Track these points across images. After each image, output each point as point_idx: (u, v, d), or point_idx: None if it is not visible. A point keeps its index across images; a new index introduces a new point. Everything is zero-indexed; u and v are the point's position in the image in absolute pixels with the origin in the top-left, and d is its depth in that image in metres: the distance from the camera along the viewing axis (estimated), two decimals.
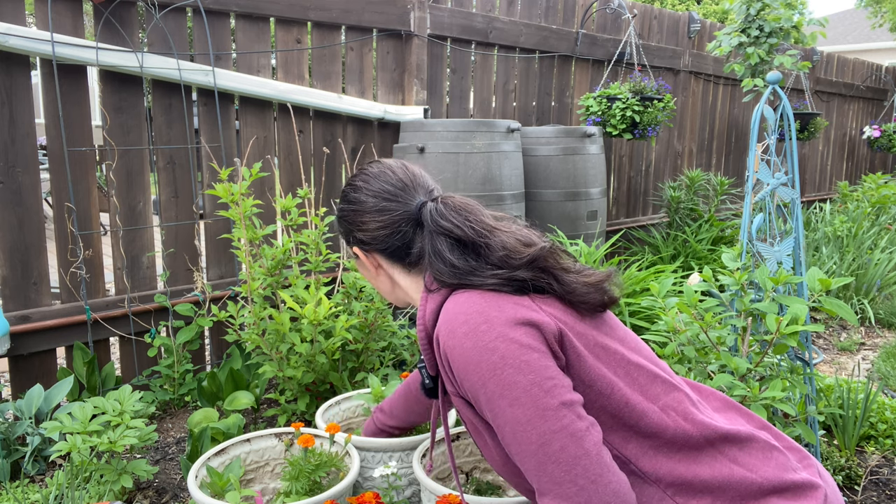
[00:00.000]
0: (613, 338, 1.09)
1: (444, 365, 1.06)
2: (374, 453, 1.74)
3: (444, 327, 1.03)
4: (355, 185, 1.23)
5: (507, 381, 0.95)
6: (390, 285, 1.26)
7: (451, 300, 1.07)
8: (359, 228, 1.21)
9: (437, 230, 1.13)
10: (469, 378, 0.99)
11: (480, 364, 0.97)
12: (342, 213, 1.25)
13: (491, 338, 0.98)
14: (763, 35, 4.45)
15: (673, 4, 19.03)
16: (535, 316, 1.01)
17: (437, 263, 1.11)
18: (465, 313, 1.02)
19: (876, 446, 2.32)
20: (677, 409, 1.04)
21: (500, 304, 1.02)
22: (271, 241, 2.61)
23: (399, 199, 1.19)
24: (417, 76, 3.42)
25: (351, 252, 1.29)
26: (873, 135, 7.10)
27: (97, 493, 1.80)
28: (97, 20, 2.45)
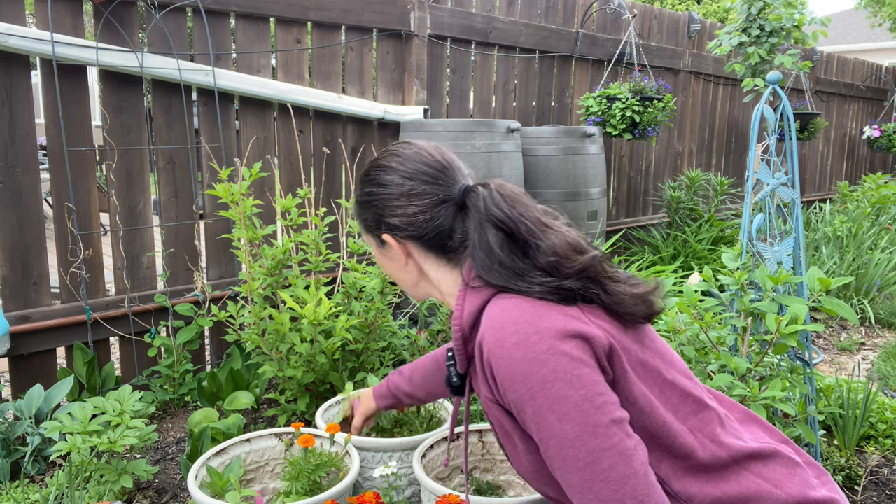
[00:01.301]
0: (653, 351, 1.05)
1: (484, 371, 1.00)
2: (374, 453, 1.74)
3: (490, 335, 0.97)
4: (387, 167, 1.13)
5: (558, 396, 0.91)
6: (416, 277, 1.18)
7: (497, 305, 1.00)
8: (392, 213, 1.11)
9: (489, 219, 1.05)
10: (516, 389, 0.94)
11: (530, 376, 0.93)
12: (370, 196, 1.15)
13: (541, 350, 0.93)
14: (764, 35, 4.45)
15: (673, 4, 19.03)
16: (586, 329, 0.96)
17: (482, 257, 1.03)
18: (514, 322, 0.96)
19: (876, 446, 2.32)
20: (704, 431, 1.01)
21: (550, 314, 0.97)
22: (271, 241, 2.61)
23: (440, 181, 1.11)
24: (417, 76, 3.42)
25: (371, 239, 1.19)
26: (873, 135, 7.10)
27: (97, 493, 1.80)
28: (97, 20, 2.45)
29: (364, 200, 1.17)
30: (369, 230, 1.18)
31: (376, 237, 1.16)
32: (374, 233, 1.17)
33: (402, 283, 1.21)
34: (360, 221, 1.20)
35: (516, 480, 1.77)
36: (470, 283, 1.06)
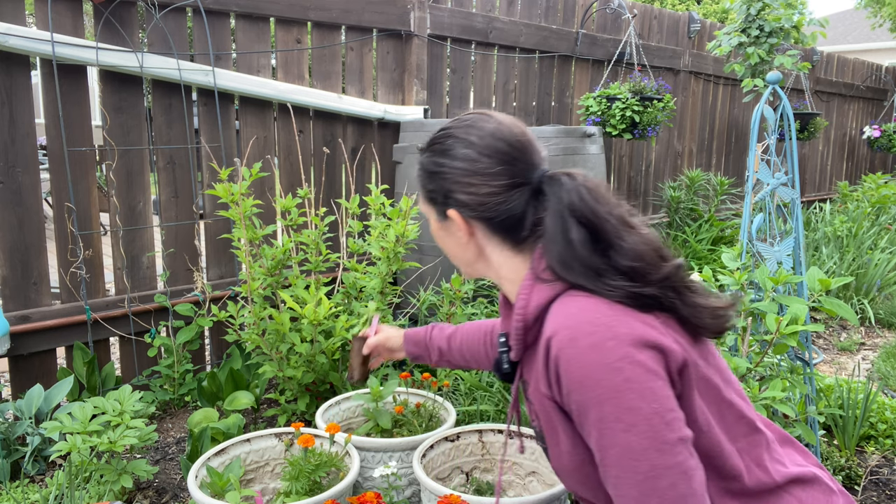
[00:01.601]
0: (714, 368, 1.00)
1: (548, 367, 0.95)
2: (374, 453, 1.74)
3: (563, 333, 0.92)
4: (464, 139, 1.05)
5: (629, 407, 0.87)
6: (474, 257, 1.12)
7: (572, 302, 0.95)
8: (463, 190, 1.04)
9: (572, 213, 0.99)
10: (583, 393, 0.90)
11: (601, 382, 0.88)
12: (439, 168, 1.07)
13: (617, 356, 0.89)
14: (763, 35, 4.45)
15: (673, 4, 19.03)
16: (663, 340, 0.92)
17: (560, 252, 0.98)
18: (591, 323, 0.91)
19: (876, 446, 2.32)
20: (752, 454, 0.99)
21: (628, 320, 0.92)
22: (271, 241, 2.61)
23: (518, 162, 1.04)
24: (417, 76, 3.42)
25: (431, 211, 1.12)
26: (873, 135, 7.11)
27: (97, 493, 1.80)
28: (97, 20, 2.45)
29: (432, 170, 1.08)
30: (432, 202, 1.11)
31: (439, 211, 1.10)
32: (437, 205, 1.10)
33: (455, 260, 1.16)
34: (423, 191, 1.12)
35: (516, 480, 1.77)
36: (540, 275, 1.00)
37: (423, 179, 1.11)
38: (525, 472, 1.76)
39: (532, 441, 1.74)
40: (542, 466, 1.72)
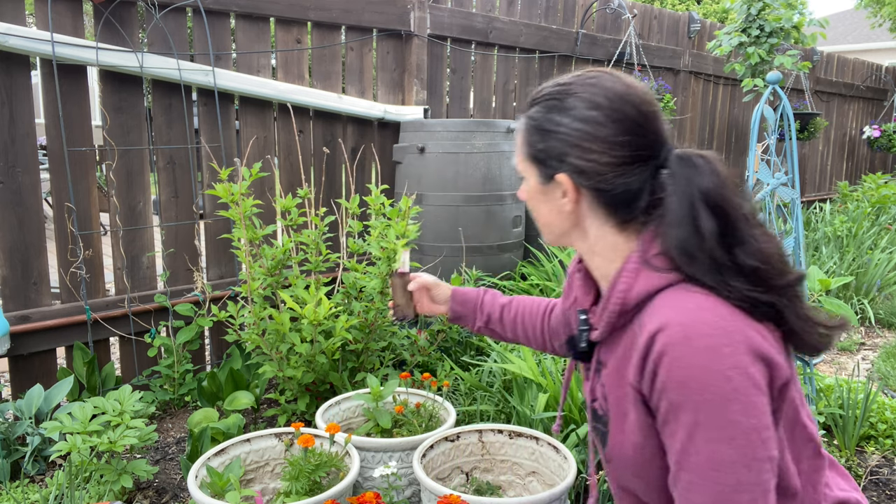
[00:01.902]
0: (796, 387, 0.96)
1: (645, 358, 0.89)
2: (374, 453, 1.74)
3: (676, 329, 0.86)
4: (590, 100, 0.96)
5: (729, 418, 0.83)
6: (569, 227, 1.03)
7: (688, 297, 0.89)
8: (582, 156, 0.96)
9: (705, 199, 0.91)
10: (683, 393, 0.85)
11: (708, 388, 0.83)
12: (557, 126, 0.97)
13: (729, 365, 0.84)
14: (763, 35, 4.45)
15: (673, 4, 19.03)
16: (774, 355, 0.87)
17: (684, 238, 0.90)
18: (709, 325, 0.86)
19: (876, 446, 2.32)
20: (811, 478, 0.98)
21: (745, 327, 0.87)
22: (271, 241, 2.61)
23: (647, 134, 0.96)
24: (417, 76, 3.42)
25: (533, 171, 1.03)
26: (873, 135, 7.11)
27: (97, 493, 1.80)
28: (97, 20, 2.45)
29: (546, 128, 0.99)
30: (539, 161, 1.01)
31: (544, 173, 1.01)
32: (543, 167, 1.01)
33: (546, 227, 1.07)
34: (528, 148, 1.02)
35: (516, 480, 1.77)
36: (650, 260, 0.94)
37: (530, 135, 1.02)
38: (525, 472, 1.76)
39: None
40: (542, 466, 1.72)
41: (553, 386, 2.06)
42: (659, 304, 0.91)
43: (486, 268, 3.16)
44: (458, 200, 3.10)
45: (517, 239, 3.32)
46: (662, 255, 0.93)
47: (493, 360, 2.48)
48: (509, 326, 1.46)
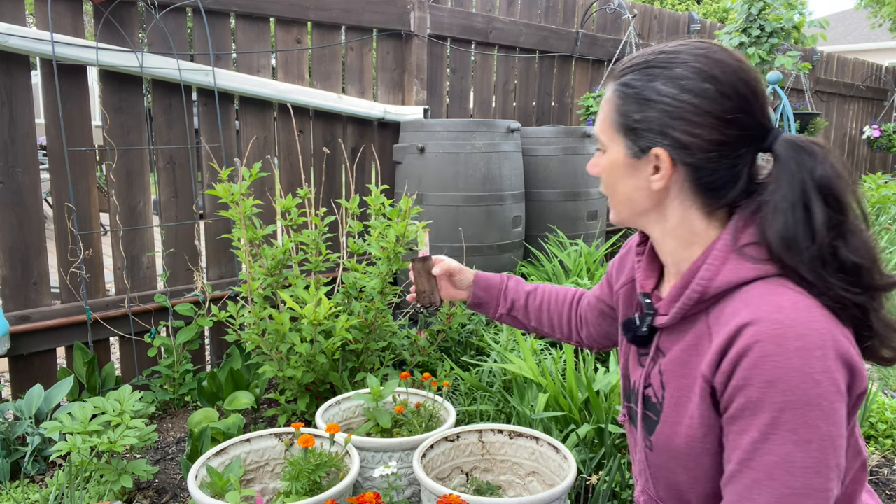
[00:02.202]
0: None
1: (725, 353, 0.86)
2: (374, 453, 1.74)
3: (768, 326, 0.83)
4: (705, 72, 0.90)
5: (810, 422, 0.81)
6: (648, 206, 0.98)
7: (783, 294, 0.85)
8: (689, 130, 0.89)
9: (821, 187, 0.87)
10: (766, 392, 0.82)
11: (794, 390, 0.81)
12: (661, 96, 0.91)
13: (819, 369, 0.81)
14: (764, 35, 4.45)
15: (673, 4, 19.03)
16: (858, 363, 0.84)
17: (789, 227, 0.86)
18: (803, 324, 0.82)
19: (876, 446, 2.32)
20: (852, 489, 0.97)
21: (837, 332, 0.84)
22: (271, 241, 2.61)
23: (757, 114, 0.91)
24: (417, 76, 3.42)
25: (621, 141, 0.96)
26: (873, 135, 7.11)
27: (97, 493, 1.80)
28: (97, 20, 2.45)
29: (648, 97, 0.92)
30: (631, 132, 0.94)
31: (639, 145, 0.94)
32: (637, 138, 0.94)
33: (621, 203, 1.01)
34: (622, 117, 0.95)
35: (516, 480, 1.77)
36: (742, 248, 0.89)
37: (624, 104, 0.94)
38: (525, 472, 1.76)
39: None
40: (542, 466, 1.72)
41: (553, 386, 2.06)
42: (749, 297, 0.87)
43: (486, 268, 3.16)
44: (458, 200, 3.10)
45: (517, 239, 3.32)
46: (757, 244, 0.89)
47: (493, 360, 2.48)
48: (533, 314, 1.40)
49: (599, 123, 1.00)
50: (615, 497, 1.79)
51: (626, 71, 0.95)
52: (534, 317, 1.40)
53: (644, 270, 1.08)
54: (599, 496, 1.73)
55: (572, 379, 2.02)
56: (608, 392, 2.06)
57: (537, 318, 1.40)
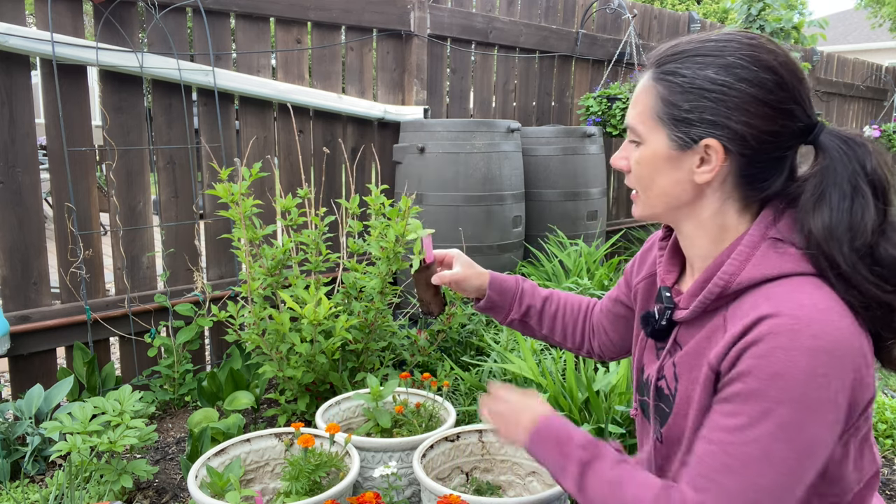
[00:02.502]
0: (872, 405, 0.93)
1: (736, 342, 0.85)
2: (374, 453, 1.74)
3: (786, 320, 0.81)
4: (763, 61, 0.88)
5: (799, 423, 0.81)
6: (689, 199, 0.95)
7: (814, 291, 0.84)
8: (745, 120, 0.87)
9: (872, 181, 0.86)
10: (768, 384, 0.81)
11: (795, 388, 0.80)
12: (715, 85, 0.88)
13: (825, 372, 0.80)
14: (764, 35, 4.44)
15: (673, 4, 19.03)
16: (867, 377, 0.84)
17: (835, 218, 0.85)
18: (821, 326, 0.81)
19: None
20: (860, 495, 0.95)
21: (853, 339, 0.82)
22: (271, 241, 2.61)
23: (805, 104, 0.90)
24: (417, 76, 3.42)
25: (663, 131, 0.93)
26: (873, 135, 7.10)
27: (97, 493, 1.80)
28: (97, 20, 2.45)
29: (700, 87, 0.89)
30: (680, 123, 0.91)
31: (687, 136, 0.91)
32: (686, 128, 0.91)
33: (657, 197, 0.97)
34: (668, 108, 0.92)
35: (516, 480, 1.77)
36: (771, 242, 0.89)
37: (670, 94, 0.91)
38: (525, 472, 1.76)
39: None
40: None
41: (553, 386, 2.06)
42: (773, 292, 0.85)
43: (486, 267, 3.15)
44: (458, 200, 3.10)
45: (517, 239, 3.32)
46: (789, 238, 0.88)
47: (493, 361, 2.48)
48: (547, 322, 1.36)
49: (637, 115, 0.96)
50: None
51: (669, 59, 0.93)
52: (547, 324, 1.36)
53: (665, 264, 1.08)
54: None
55: (572, 379, 2.02)
56: (608, 392, 2.06)
57: (550, 327, 1.37)
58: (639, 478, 0.93)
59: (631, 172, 0.99)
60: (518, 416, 1.10)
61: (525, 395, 1.14)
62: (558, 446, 1.02)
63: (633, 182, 1.00)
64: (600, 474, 0.96)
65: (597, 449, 0.99)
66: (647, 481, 0.92)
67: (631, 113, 0.97)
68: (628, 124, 0.97)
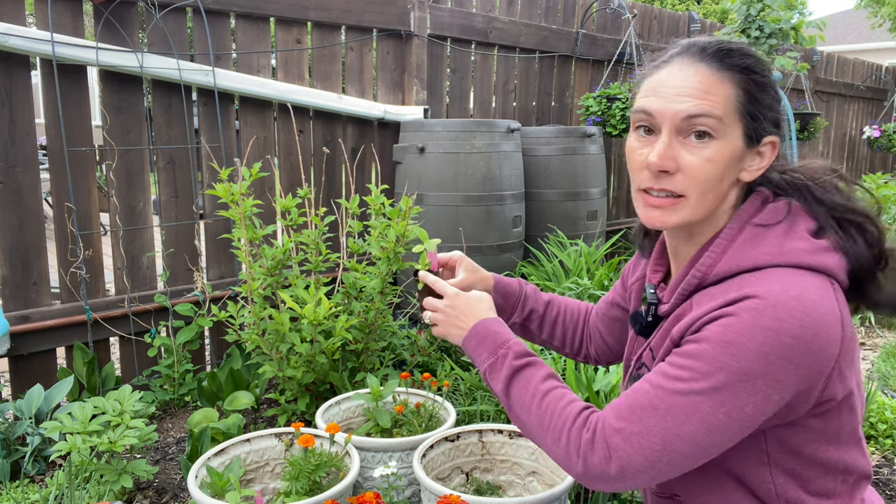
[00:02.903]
0: (857, 401, 0.95)
1: (705, 315, 0.88)
2: (374, 453, 1.74)
3: (754, 302, 0.85)
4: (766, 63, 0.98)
5: (736, 392, 0.84)
6: (727, 190, 0.95)
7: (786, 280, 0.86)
8: (777, 117, 0.96)
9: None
10: (717, 347, 0.84)
11: (743, 359, 0.83)
12: (770, 85, 0.95)
13: (781, 354, 0.83)
14: (763, 36, 4.45)
15: (673, 4, 19.03)
16: (844, 364, 0.89)
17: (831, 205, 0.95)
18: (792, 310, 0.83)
19: (876, 446, 2.32)
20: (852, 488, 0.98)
21: (834, 328, 0.86)
22: (271, 241, 2.61)
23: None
24: (417, 76, 3.42)
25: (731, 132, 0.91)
26: (873, 135, 7.11)
27: (97, 493, 1.80)
28: (97, 20, 2.45)
29: (766, 85, 0.94)
30: (754, 118, 0.92)
31: (757, 130, 0.93)
32: (756, 124, 0.92)
33: (716, 198, 0.94)
34: (751, 101, 0.92)
35: (516, 480, 1.77)
36: (753, 228, 0.93)
37: (753, 88, 0.92)
38: (525, 472, 1.76)
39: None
40: (542, 466, 1.72)
41: None
42: (748, 280, 0.88)
43: (486, 267, 3.14)
44: (458, 200, 3.10)
45: (517, 239, 3.32)
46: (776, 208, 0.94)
47: None
48: (548, 326, 1.35)
49: (715, 105, 0.90)
50: (615, 497, 1.79)
51: (731, 53, 0.93)
52: (547, 329, 1.36)
53: (653, 264, 1.10)
54: (599, 496, 1.73)
55: (572, 379, 2.02)
56: (608, 392, 2.06)
57: (550, 331, 1.36)
58: (567, 396, 0.97)
59: (680, 173, 0.92)
60: (460, 316, 1.14)
61: (475, 298, 1.16)
62: (494, 347, 1.06)
63: (687, 184, 0.92)
64: (529, 383, 1.00)
65: (531, 359, 1.03)
66: (573, 401, 0.97)
67: (699, 104, 0.90)
68: (697, 114, 0.89)
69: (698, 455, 0.87)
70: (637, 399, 0.89)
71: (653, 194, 0.94)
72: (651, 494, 1.10)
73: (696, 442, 0.85)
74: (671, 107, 0.91)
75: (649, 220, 0.96)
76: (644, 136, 0.96)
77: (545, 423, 0.96)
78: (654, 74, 0.96)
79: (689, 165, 0.91)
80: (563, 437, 0.92)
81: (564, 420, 0.94)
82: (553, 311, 1.36)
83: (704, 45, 0.94)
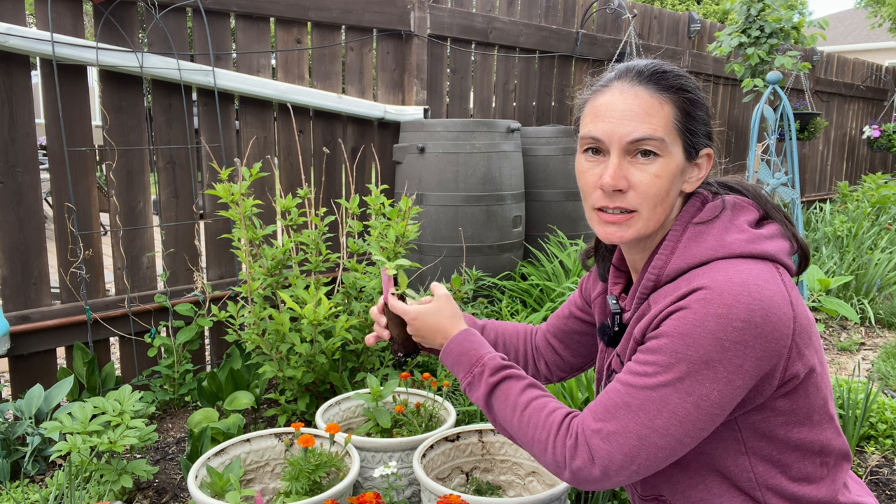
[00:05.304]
0: (822, 381, 1.00)
1: (661, 313, 0.93)
2: (374, 453, 1.74)
3: (703, 293, 0.90)
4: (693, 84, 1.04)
5: (699, 380, 0.88)
6: (672, 202, 1.01)
7: (729, 269, 0.91)
8: (712, 131, 1.04)
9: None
10: (675, 340, 0.89)
11: (700, 348, 0.88)
12: (703, 104, 1.02)
13: (735, 338, 0.87)
14: (763, 36, 4.45)
15: (673, 4, 19.02)
16: (801, 343, 0.94)
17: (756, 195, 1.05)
18: (739, 295, 0.88)
19: (876, 446, 2.32)
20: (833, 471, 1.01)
21: (785, 309, 0.90)
22: (271, 241, 2.61)
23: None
24: (417, 76, 3.42)
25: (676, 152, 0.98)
26: (873, 135, 7.11)
27: (97, 493, 1.80)
28: (97, 20, 2.45)
29: (699, 100, 1.01)
30: (692, 133, 0.99)
31: (695, 144, 1.00)
32: (694, 139, 1.00)
33: (664, 210, 0.99)
34: (687, 119, 0.99)
35: (516, 480, 1.77)
36: (695, 227, 0.99)
37: (688, 106, 0.99)
38: (525, 472, 1.76)
39: None
40: (542, 467, 1.72)
41: (552, 386, 2.06)
42: (696, 274, 0.94)
43: (486, 268, 3.16)
44: (458, 200, 3.10)
45: (517, 239, 3.32)
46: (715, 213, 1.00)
47: None
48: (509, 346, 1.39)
49: (657, 127, 0.96)
50: (615, 497, 1.79)
51: (664, 75, 0.99)
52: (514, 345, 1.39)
53: (612, 278, 1.15)
54: (599, 496, 1.73)
55: (572, 379, 2.02)
56: None
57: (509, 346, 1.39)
58: (549, 405, 1.01)
59: (632, 190, 0.97)
60: (427, 337, 1.18)
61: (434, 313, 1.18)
62: (469, 365, 1.09)
63: (639, 200, 0.97)
64: (508, 398, 1.04)
65: (507, 371, 1.06)
66: (555, 409, 1.00)
67: (643, 127, 0.96)
68: (642, 137, 0.96)
69: (675, 447, 0.90)
70: (611, 399, 0.93)
71: (608, 212, 1.00)
72: (637, 497, 1.11)
73: (670, 433, 0.90)
74: (618, 131, 0.98)
75: (607, 236, 1.01)
76: (593, 157, 1.05)
77: (529, 435, 1.00)
78: (597, 98, 1.05)
79: (639, 182, 0.97)
80: (548, 446, 0.97)
81: (548, 430, 0.98)
82: (491, 335, 1.37)
83: (641, 69, 1.01)
